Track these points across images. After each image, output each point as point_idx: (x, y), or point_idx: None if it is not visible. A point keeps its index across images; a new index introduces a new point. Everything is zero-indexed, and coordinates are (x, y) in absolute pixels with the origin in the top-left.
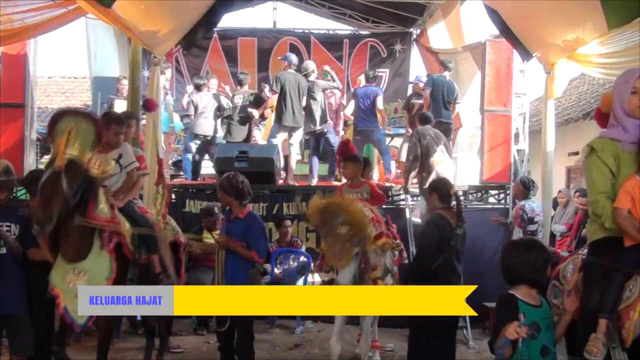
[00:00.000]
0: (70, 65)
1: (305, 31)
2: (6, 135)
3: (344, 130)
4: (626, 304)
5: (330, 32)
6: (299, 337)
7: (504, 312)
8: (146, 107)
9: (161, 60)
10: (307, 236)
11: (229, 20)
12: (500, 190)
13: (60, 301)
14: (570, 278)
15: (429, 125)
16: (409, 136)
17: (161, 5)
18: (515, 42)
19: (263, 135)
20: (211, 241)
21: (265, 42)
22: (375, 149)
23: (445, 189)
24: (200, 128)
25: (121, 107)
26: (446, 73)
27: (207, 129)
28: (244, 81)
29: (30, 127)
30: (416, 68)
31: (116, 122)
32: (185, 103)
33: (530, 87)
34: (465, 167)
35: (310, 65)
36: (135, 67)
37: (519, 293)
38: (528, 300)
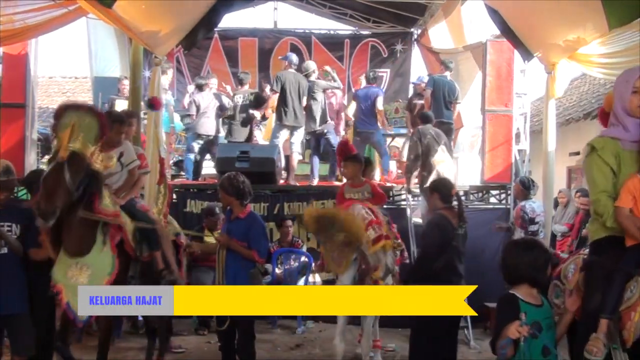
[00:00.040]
0: (71, 65)
1: (306, 31)
2: (7, 135)
3: (345, 130)
4: (627, 304)
5: (331, 32)
6: (300, 337)
7: (505, 312)
8: (151, 106)
9: (162, 60)
10: (308, 236)
11: (230, 20)
12: (501, 191)
13: (63, 297)
14: (572, 278)
15: (429, 125)
16: (410, 135)
17: (162, 5)
18: (516, 42)
19: (264, 135)
20: (212, 241)
21: (266, 42)
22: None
23: (447, 189)
24: (203, 128)
25: (122, 107)
26: (447, 73)
27: (210, 129)
28: (245, 80)
29: (31, 127)
30: (417, 68)
31: (117, 122)
32: (187, 103)
33: (531, 87)
34: (466, 167)
35: (311, 65)
36: (136, 67)
37: (520, 293)
38: (529, 300)
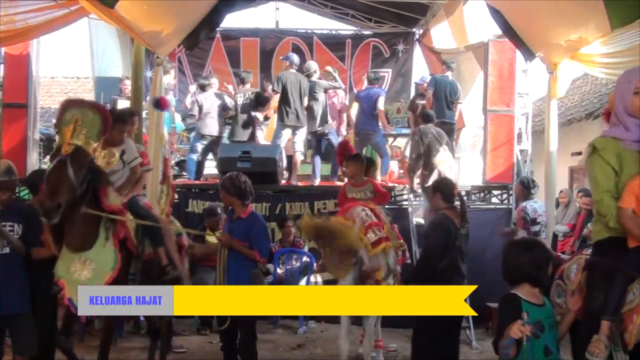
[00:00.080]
0: (72, 65)
1: (308, 31)
2: (9, 135)
3: (347, 131)
4: (629, 307)
5: (333, 32)
6: (302, 337)
7: (507, 312)
8: (158, 106)
9: (164, 60)
10: None
11: (232, 20)
12: (503, 191)
13: (65, 292)
14: (574, 278)
15: (431, 124)
16: (412, 135)
17: (164, 5)
18: (518, 42)
19: (265, 135)
20: (214, 241)
21: (268, 42)
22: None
23: (449, 189)
24: (208, 129)
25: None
26: (449, 73)
27: (214, 129)
28: (247, 79)
29: (33, 127)
30: (419, 68)
31: (119, 120)
32: (189, 103)
33: (533, 87)
34: (468, 167)
35: (313, 65)
36: (138, 67)
37: (522, 292)
38: (531, 299)
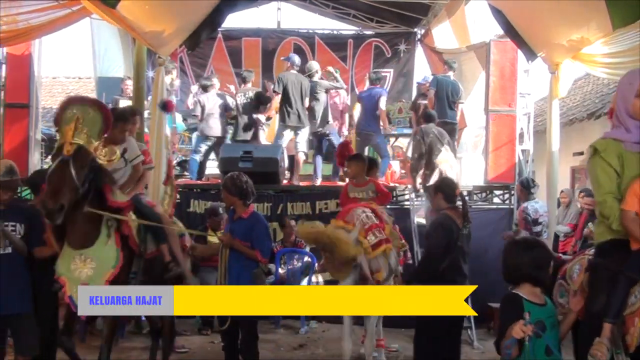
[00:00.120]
0: (74, 65)
1: (310, 31)
2: (11, 135)
3: (349, 131)
4: (631, 309)
5: (335, 32)
6: (304, 337)
7: (508, 312)
8: (165, 108)
9: (166, 60)
10: None
11: (233, 20)
12: (504, 191)
13: (66, 290)
14: (577, 278)
15: (432, 124)
16: (414, 134)
17: (166, 5)
18: (519, 42)
19: (267, 136)
20: (216, 241)
21: (270, 43)
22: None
23: (451, 189)
24: (212, 130)
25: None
26: (450, 73)
27: (217, 130)
28: (248, 78)
29: (34, 127)
30: (420, 68)
31: (121, 119)
32: (191, 103)
33: (534, 87)
34: (469, 167)
35: (314, 65)
36: (140, 67)
37: (523, 292)
38: (532, 299)
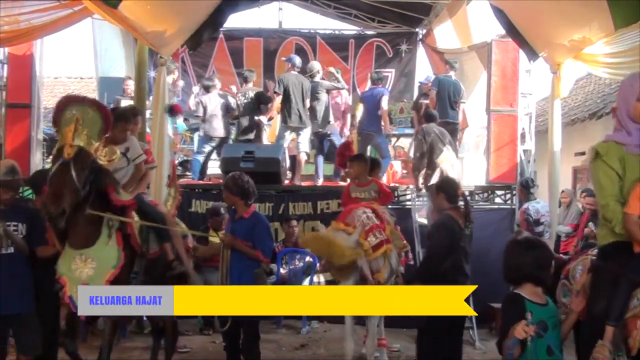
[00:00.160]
0: (76, 65)
1: (311, 31)
2: (13, 135)
3: (350, 131)
4: (633, 312)
5: (336, 32)
6: (305, 337)
7: (510, 312)
8: (172, 112)
9: (167, 60)
10: None
11: (235, 20)
12: (506, 191)
13: (67, 290)
14: (579, 279)
15: (433, 124)
16: (415, 134)
17: (167, 5)
18: (521, 42)
19: (268, 136)
20: (217, 241)
21: (271, 43)
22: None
23: (453, 189)
24: (215, 131)
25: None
26: (452, 73)
27: (221, 131)
28: (250, 78)
29: (36, 127)
30: (422, 68)
31: (122, 119)
32: (193, 104)
33: (536, 87)
34: (471, 167)
35: (316, 65)
36: (142, 67)
37: (525, 292)
38: (534, 299)
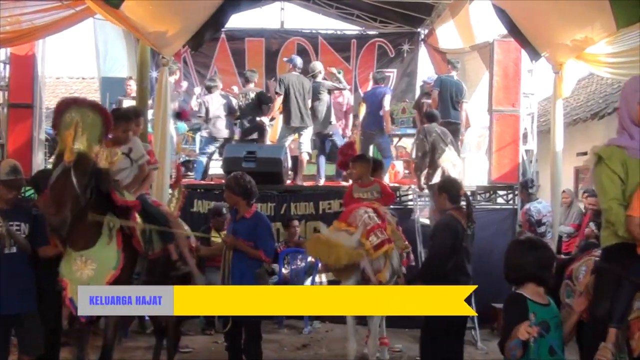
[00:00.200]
0: (78, 65)
1: (313, 31)
2: (15, 135)
3: (353, 131)
4: (636, 314)
5: (338, 33)
6: (307, 337)
7: (513, 312)
8: (179, 117)
9: (169, 60)
10: None
11: (237, 20)
12: (508, 191)
13: (67, 292)
14: (582, 279)
15: (435, 123)
16: (417, 133)
17: (169, 5)
18: (523, 42)
19: (270, 136)
20: (219, 241)
21: (273, 43)
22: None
23: (455, 190)
24: (220, 132)
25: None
26: (454, 73)
27: (225, 132)
28: (251, 78)
29: (38, 128)
30: (424, 68)
31: (124, 119)
32: (195, 105)
33: (538, 87)
34: (473, 168)
35: (318, 66)
36: (143, 68)
37: (527, 292)
38: (536, 299)
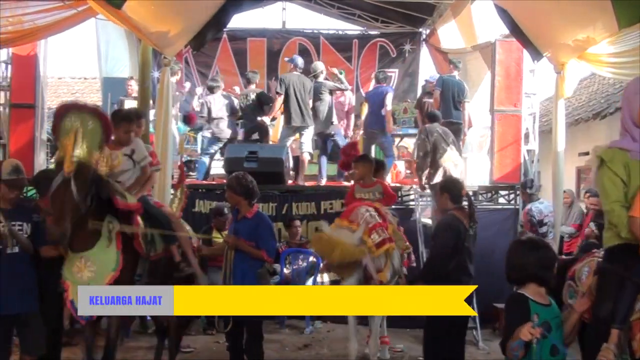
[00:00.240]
0: (80, 65)
1: (315, 31)
2: (17, 135)
3: (354, 131)
4: (638, 315)
5: (340, 33)
6: (308, 337)
7: (514, 312)
8: (187, 122)
9: (171, 61)
10: None
11: (238, 20)
12: (510, 191)
13: (69, 294)
14: (585, 280)
15: (436, 123)
16: (419, 133)
17: (171, 5)
18: (525, 42)
19: (272, 136)
20: (221, 241)
21: (275, 43)
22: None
23: (457, 189)
24: (224, 132)
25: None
26: (455, 72)
27: (228, 132)
28: (253, 79)
29: (40, 128)
30: (426, 68)
31: (125, 120)
32: (197, 105)
33: (540, 87)
34: (475, 168)
35: (320, 66)
36: (145, 68)
37: (528, 292)
38: (538, 299)
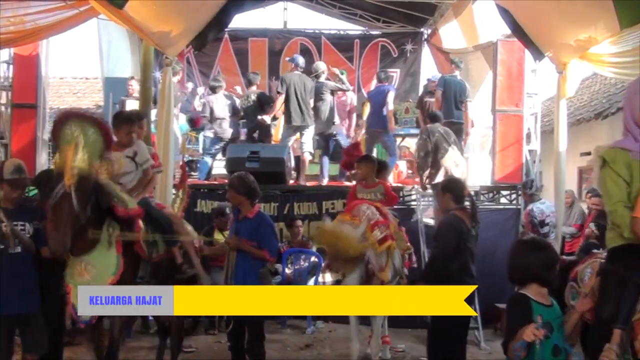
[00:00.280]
0: (82, 65)
1: (316, 31)
2: (18, 135)
3: (356, 131)
4: None
5: (341, 33)
6: (310, 337)
7: (516, 312)
8: (192, 124)
9: (173, 61)
10: None
11: (240, 20)
12: (511, 191)
13: (71, 297)
14: (588, 281)
15: (438, 123)
16: (420, 133)
17: (173, 5)
18: (527, 42)
19: (273, 136)
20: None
21: (276, 43)
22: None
23: (459, 190)
24: (226, 132)
25: (132, 108)
26: (457, 72)
27: (231, 132)
28: (254, 81)
29: (42, 128)
30: (427, 68)
31: (127, 122)
32: (199, 104)
33: (542, 87)
34: (476, 168)
35: (321, 66)
36: (147, 68)
37: (530, 292)
38: (540, 300)
